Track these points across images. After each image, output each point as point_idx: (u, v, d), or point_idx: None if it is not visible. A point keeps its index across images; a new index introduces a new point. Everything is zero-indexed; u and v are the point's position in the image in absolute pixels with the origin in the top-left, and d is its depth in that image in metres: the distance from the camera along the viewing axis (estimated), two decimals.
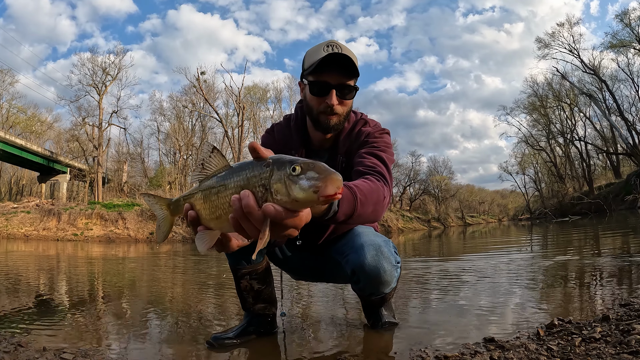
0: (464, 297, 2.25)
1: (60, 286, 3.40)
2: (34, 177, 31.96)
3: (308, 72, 1.29)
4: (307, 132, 1.44)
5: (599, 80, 28.90)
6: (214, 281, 3.42)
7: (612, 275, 2.65)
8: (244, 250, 1.44)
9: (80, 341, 1.57)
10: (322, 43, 1.27)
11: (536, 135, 34.66)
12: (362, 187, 0.98)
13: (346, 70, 1.26)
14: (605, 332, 1.30)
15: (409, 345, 1.36)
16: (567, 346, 1.22)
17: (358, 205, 0.94)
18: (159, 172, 30.36)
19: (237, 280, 1.50)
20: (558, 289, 2.36)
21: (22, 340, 1.52)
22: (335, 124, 1.33)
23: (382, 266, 1.33)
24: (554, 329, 1.40)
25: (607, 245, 5.22)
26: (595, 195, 25.94)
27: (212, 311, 2.20)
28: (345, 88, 1.28)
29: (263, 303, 1.52)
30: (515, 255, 4.69)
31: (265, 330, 1.55)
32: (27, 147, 25.76)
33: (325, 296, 2.47)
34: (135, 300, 2.65)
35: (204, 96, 27.97)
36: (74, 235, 17.43)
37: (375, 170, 1.19)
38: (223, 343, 1.45)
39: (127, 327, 1.83)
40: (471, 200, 47.65)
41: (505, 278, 2.87)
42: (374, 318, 1.57)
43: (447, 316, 1.82)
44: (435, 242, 10.11)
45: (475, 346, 1.30)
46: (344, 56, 1.22)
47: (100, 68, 26.87)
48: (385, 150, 1.32)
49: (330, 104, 1.27)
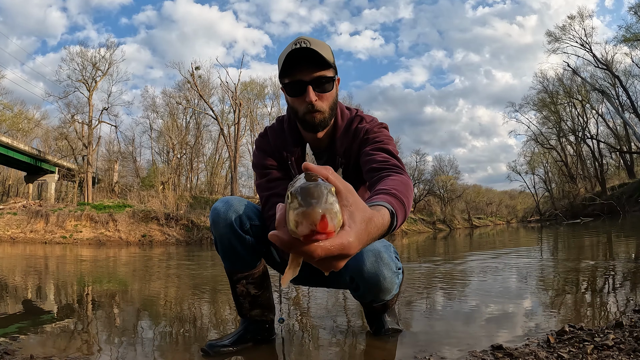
0: (471, 302, 2.26)
1: (49, 291, 3.40)
2: (21, 177, 31.95)
3: (281, 74, 1.28)
4: (300, 133, 1.44)
5: (611, 75, 28.87)
6: (210, 286, 3.43)
7: (625, 280, 2.65)
8: (239, 253, 1.45)
9: (70, 349, 1.57)
10: (291, 42, 1.27)
11: (546, 133, 34.69)
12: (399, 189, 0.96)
13: (316, 63, 1.25)
14: (618, 340, 1.30)
15: (413, 353, 1.36)
16: (578, 354, 1.22)
17: (407, 210, 0.93)
18: (151, 171, 30.35)
19: (233, 285, 1.50)
20: (569, 294, 2.36)
21: (9, 348, 1.52)
22: (321, 120, 1.32)
23: (381, 273, 1.33)
24: (565, 336, 1.40)
25: (620, 248, 5.22)
26: (608, 196, 25.92)
27: (207, 317, 2.21)
28: (320, 81, 1.27)
29: (260, 309, 1.52)
30: (525, 258, 4.69)
31: (263, 337, 1.55)
32: (14, 146, 25.75)
33: (325, 301, 2.47)
34: (127, 305, 2.65)
35: (198, 92, 27.99)
36: (63, 238, 17.44)
37: (390, 164, 1.19)
38: (219, 350, 1.45)
39: (118, 334, 1.83)
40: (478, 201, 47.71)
41: (514, 282, 2.88)
42: (377, 324, 1.58)
43: (454, 322, 1.82)
44: (440, 244, 10.12)
45: (482, 354, 1.30)
46: (310, 50, 1.22)
47: (90, 63, 26.86)
48: (389, 142, 1.32)
49: (309, 101, 1.27)
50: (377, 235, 0.69)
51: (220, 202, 1.44)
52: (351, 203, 0.60)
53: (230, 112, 30.48)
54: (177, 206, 21.57)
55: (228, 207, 1.41)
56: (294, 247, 0.55)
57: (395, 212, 0.81)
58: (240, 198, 1.48)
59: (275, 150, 1.44)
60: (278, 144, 1.44)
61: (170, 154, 30.56)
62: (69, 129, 27.37)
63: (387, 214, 0.75)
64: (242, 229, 1.40)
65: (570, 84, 31.58)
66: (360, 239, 0.60)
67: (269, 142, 1.47)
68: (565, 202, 31.65)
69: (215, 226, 1.42)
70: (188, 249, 11.68)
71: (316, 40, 1.26)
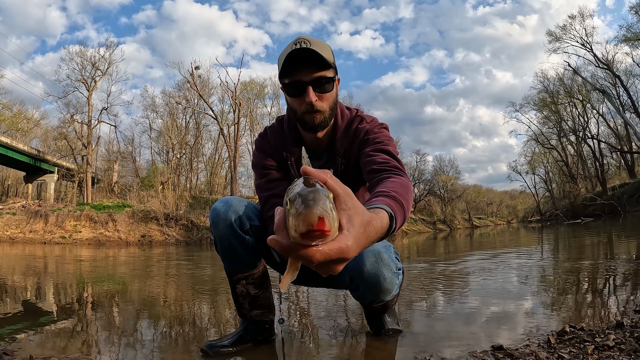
0: (471, 302, 2.26)
1: (48, 291, 3.40)
2: (20, 177, 31.96)
3: (281, 75, 1.29)
4: (300, 133, 1.44)
5: (612, 75, 28.91)
6: (209, 286, 3.43)
7: (626, 280, 2.65)
8: (239, 254, 1.45)
9: (69, 349, 1.57)
10: (291, 42, 1.27)
11: (547, 133, 34.72)
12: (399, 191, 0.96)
13: (316, 63, 1.25)
14: (619, 340, 1.30)
15: (413, 354, 1.37)
16: (579, 354, 1.22)
17: (406, 212, 0.93)
18: (151, 171, 30.34)
19: (233, 285, 1.50)
20: (570, 294, 2.36)
21: (8, 349, 1.52)
22: (321, 121, 1.32)
23: (381, 274, 1.33)
24: (566, 336, 1.40)
25: (621, 248, 5.22)
26: (609, 196, 25.92)
27: (206, 317, 2.21)
28: (320, 81, 1.27)
29: (260, 309, 1.52)
30: (525, 258, 4.69)
31: (263, 337, 1.55)
32: (13, 146, 25.75)
33: (325, 301, 2.47)
34: (127, 306, 2.65)
35: (198, 92, 27.99)
36: (62, 238, 17.45)
37: (390, 165, 1.19)
38: (218, 351, 1.45)
39: (117, 334, 1.83)
40: (479, 201, 47.71)
41: (514, 282, 2.88)
42: (377, 325, 1.58)
43: (454, 322, 1.82)
44: (441, 244, 10.12)
45: (483, 354, 1.30)
46: (310, 50, 1.22)
47: (89, 62, 26.87)
48: (389, 143, 1.32)
49: (309, 101, 1.27)
50: (376, 239, 0.69)
51: (220, 203, 1.44)
52: (350, 207, 0.60)
53: (230, 112, 30.54)
54: (177, 206, 21.58)
55: (228, 208, 1.41)
56: (293, 252, 0.55)
57: (394, 214, 0.81)
58: (240, 198, 1.48)
59: (275, 151, 1.44)
60: (278, 144, 1.44)
61: (170, 153, 30.58)
62: (69, 128, 27.37)
63: (386, 216, 0.76)
64: (242, 229, 1.40)
65: (571, 84, 31.62)
66: (359, 243, 0.60)
67: (268, 142, 1.47)
68: (565, 202, 31.67)
69: (215, 226, 1.42)
70: (188, 249, 11.68)
71: (316, 40, 1.26)
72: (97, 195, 25.21)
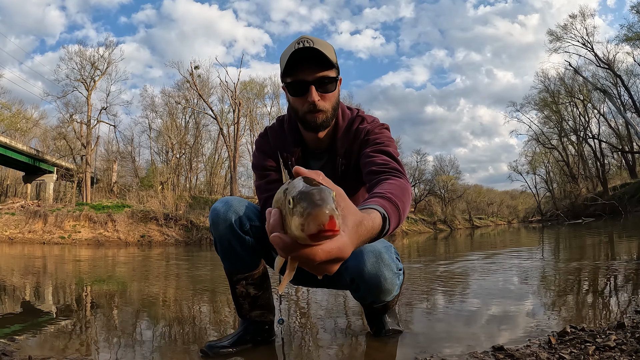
0: (472, 303, 2.26)
1: (47, 291, 3.40)
2: (19, 177, 31.97)
3: (284, 74, 1.29)
4: (301, 132, 1.44)
5: (613, 75, 28.89)
6: (209, 286, 3.43)
7: (627, 280, 2.65)
8: (239, 254, 1.45)
9: (68, 349, 1.57)
10: (294, 41, 1.27)
11: (547, 133, 34.68)
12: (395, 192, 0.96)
13: (319, 63, 1.25)
14: (620, 340, 1.30)
15: (414, 354, 1.37)
16: (580, 355, 1.22)
17: (402, 214, 0.93)
18: (150, 171, 30.35)
19: (233, 286, 1.50)
20: (570, 294, 2.36)
21: (7, 349, 1.52)
22: (323, 120, 1.32)
23: (382, 274, 1.33)
24: (567, 337, 1.40)
25: (622, 248, 5.22)
26: (610, 196, 25.92)
27: (206, 318, 2.21)
28: (323, 81, 1.27)
29: (260, 310, 1.52)
30: (526, 259, 4.69)
31: (263, 338, 1.55)
32: (12, 146, 25.75)
33: (325, 302, 2.47)
34: (126, 306, 2.65)
35: (197, 92, 28.00)
36: (61, 238, 17.44)
37: (390, 167, 1.19)
38: (218, 352, 1.45)
39: (117, 335, 1.84)
40: (479, 201, 47.67)
41: (515, 283, 2.88)
42: (377, 325, 1.58)
43: (454, 323, 1.82)
44: (441, 244, 10.12)
45: (483, 355, 1.30)
46: (313, 49, 1.22)
47: (88, 62, 26.88)
48: (390, 144, 1.32)
49: (311, 101, 1.27)
50: (367, 239, 0.70)
51: (220, 203, 1.43)
52: (343, 207, 0.61)
53: (230, 111, 30.51)
54: (176, 206, 21.57)
55: (228, 208, 1.41)
56: (295, 251, 0.55)
57: (387, 215, 0.82)
58: (240, 198, 1.48)
59: (275, 151, 1.44)
60: (278, 144, 1.44)
61: (170, 153, 30.59)
62: (68, 128, 27.38)
63: (379, 217, 0.77)
64: (242, 230, 1.40)
65: (572, 84, 31.58)
66: (352, 242, 0.61)
67: (268, 142, 1.47)
68: (566, 202, 31.64)
69: (215, 227, 1.42)
70: (187, 250, 11.68)
71: (319, 40, 1.26)
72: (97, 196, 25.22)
